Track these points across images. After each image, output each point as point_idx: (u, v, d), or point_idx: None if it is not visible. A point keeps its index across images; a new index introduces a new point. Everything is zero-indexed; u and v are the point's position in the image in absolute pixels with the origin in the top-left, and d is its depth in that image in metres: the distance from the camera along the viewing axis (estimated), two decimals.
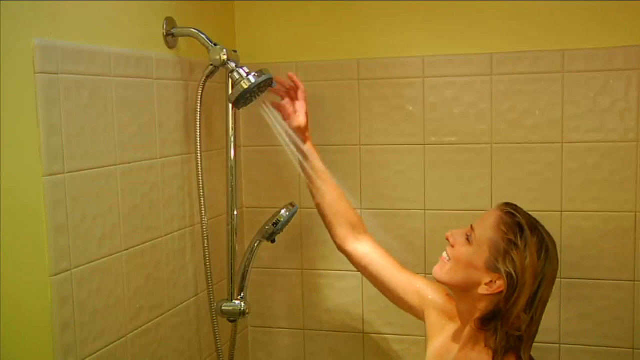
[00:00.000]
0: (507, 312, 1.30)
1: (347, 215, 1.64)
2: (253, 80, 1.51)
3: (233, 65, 1.55)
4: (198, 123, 1.62)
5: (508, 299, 1.30)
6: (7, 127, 1.12)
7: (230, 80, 1.57)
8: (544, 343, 1.82)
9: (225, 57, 1.55)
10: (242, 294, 1.71)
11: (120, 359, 1.43)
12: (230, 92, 1.56)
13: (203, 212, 1.64)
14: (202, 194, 1.63)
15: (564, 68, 1.75)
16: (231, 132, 1.69)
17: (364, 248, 1.63)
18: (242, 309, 1.70)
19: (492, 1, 1.79)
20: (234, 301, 1.70)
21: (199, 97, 1.61)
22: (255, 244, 1.72)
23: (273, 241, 1.72)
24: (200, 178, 1.63)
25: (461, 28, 1.82)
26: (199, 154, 1.62)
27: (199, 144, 1.62)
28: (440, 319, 1.52)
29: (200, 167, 1.63)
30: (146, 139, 1.52)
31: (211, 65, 1.59)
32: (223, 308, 1.70)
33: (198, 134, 1.62)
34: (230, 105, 1.63)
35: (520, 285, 1.29)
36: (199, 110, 1.62)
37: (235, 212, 1.71)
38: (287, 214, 1.70)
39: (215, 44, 1.57)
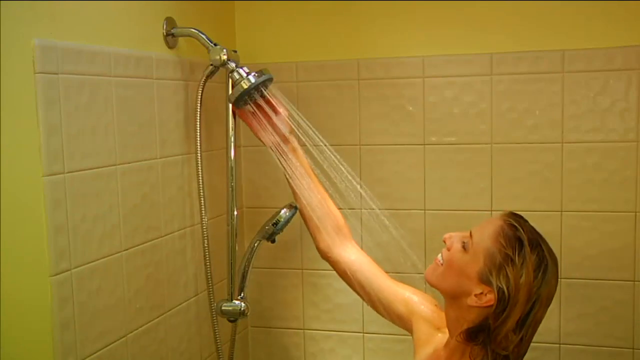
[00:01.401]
0: (495, 329, 1.23)
1: (334, 217, 1.58)
2: (253, 80, 1.51)
3: (233, 65, 1.55)
4: (198, 123, 1.62)
5: (497, 315, 1.23)
6: (7, 127, 1.12)
7: (230, 80, 1.57)
8: (544, 343, 1.82)
9: (225, 57, 1.55)
10: (242, 294, 1.71)
11: (120, 359, 1.43)
12: (230, 92, 1.56)
13: (203, 212, 1.64)
14: (202, 194, 1.63)
15: (564, 68, 1.75)
16: (231, 132, 1.68)
17: (351, 254, 1.57)
18: (242, 309, 1.70)
19: (492, 1, 1.79)
20: (234, 301, 1.70)
21: (199, 97, 1.61)
22: (255, 244, 1.72)
23: (273, 241, 1.72)
24: (200, 178, 1.63)
25: (461, 28, 1.82)
26: (199, 154, 1.62)
27: (199, 144, 1.62)
28: (428, 330, 1.45)
29: (200, 167, 1.63)
30: (146, 139, 1.52)
31: (211, 65, 1.59)
32: (223, 308, 1.70)
33: (198, 134, 1.62)
34: (230, 105, 1.63)
35: (512, 303, 1.22)
36: (199, 110, 1.62)
37: (235, 212, 1.70)
38: (287, 214, 1.69)
39: (215, 44, 1.57)
